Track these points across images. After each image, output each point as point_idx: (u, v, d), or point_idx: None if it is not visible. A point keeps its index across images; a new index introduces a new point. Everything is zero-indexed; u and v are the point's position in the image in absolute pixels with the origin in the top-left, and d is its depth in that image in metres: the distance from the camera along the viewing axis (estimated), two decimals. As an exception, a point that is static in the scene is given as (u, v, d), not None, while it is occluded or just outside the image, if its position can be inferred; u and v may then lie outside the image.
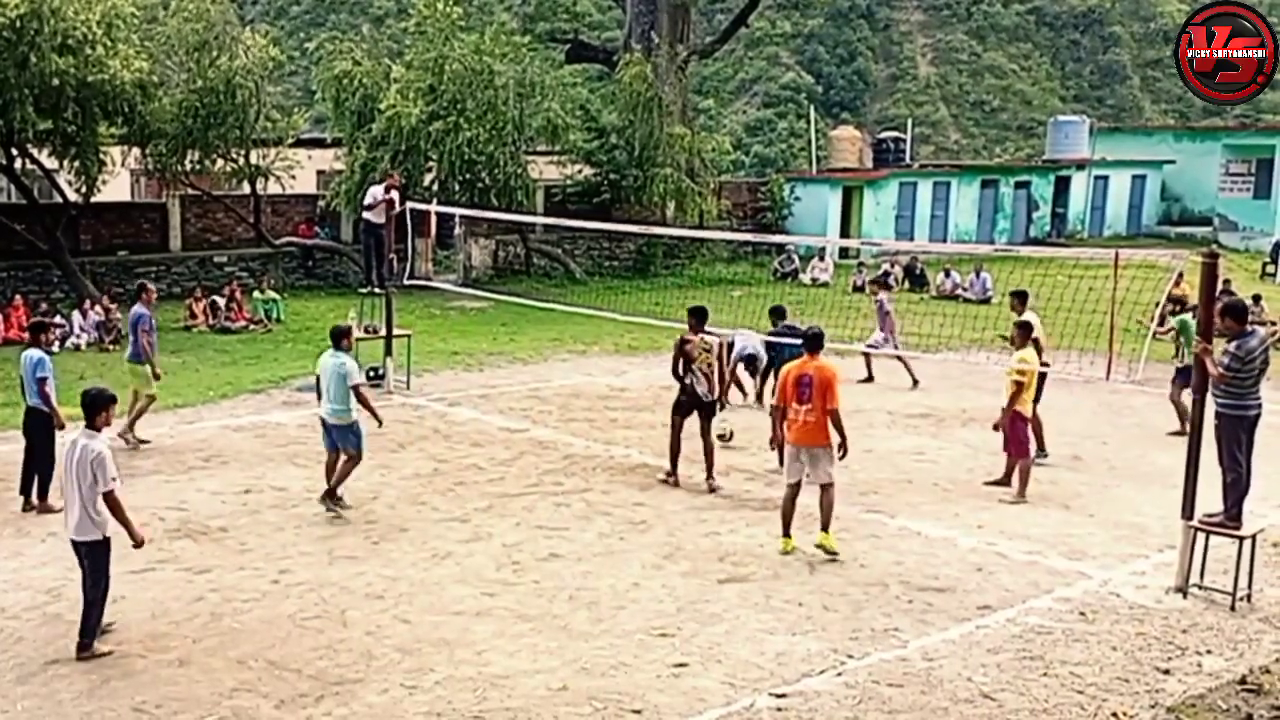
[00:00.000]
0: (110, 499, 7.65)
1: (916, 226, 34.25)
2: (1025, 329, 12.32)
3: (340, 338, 11.14)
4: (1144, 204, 39.36)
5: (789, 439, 10.03)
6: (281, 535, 10.38)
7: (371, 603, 8.86)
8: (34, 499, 10.97)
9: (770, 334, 14.74)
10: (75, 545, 7.79)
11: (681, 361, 11.86)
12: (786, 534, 10.09)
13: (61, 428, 10.74)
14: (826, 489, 9.92)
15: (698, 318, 12.00)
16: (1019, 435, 11.86)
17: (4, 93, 19.69)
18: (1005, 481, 12.09)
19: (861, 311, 20.53)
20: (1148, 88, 73.48)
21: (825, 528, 9.94)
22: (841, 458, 10.01)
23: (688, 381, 11.80)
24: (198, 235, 26.21)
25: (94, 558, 7.77)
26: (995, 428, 12.04)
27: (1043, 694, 7.48)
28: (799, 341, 10.92)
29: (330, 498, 11.05)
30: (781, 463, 10.85)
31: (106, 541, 7.81)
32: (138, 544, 7.88)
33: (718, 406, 12.27)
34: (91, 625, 7.82)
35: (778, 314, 15.20)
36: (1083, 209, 38.22)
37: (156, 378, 13.49)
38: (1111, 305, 10.80)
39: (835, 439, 9.85)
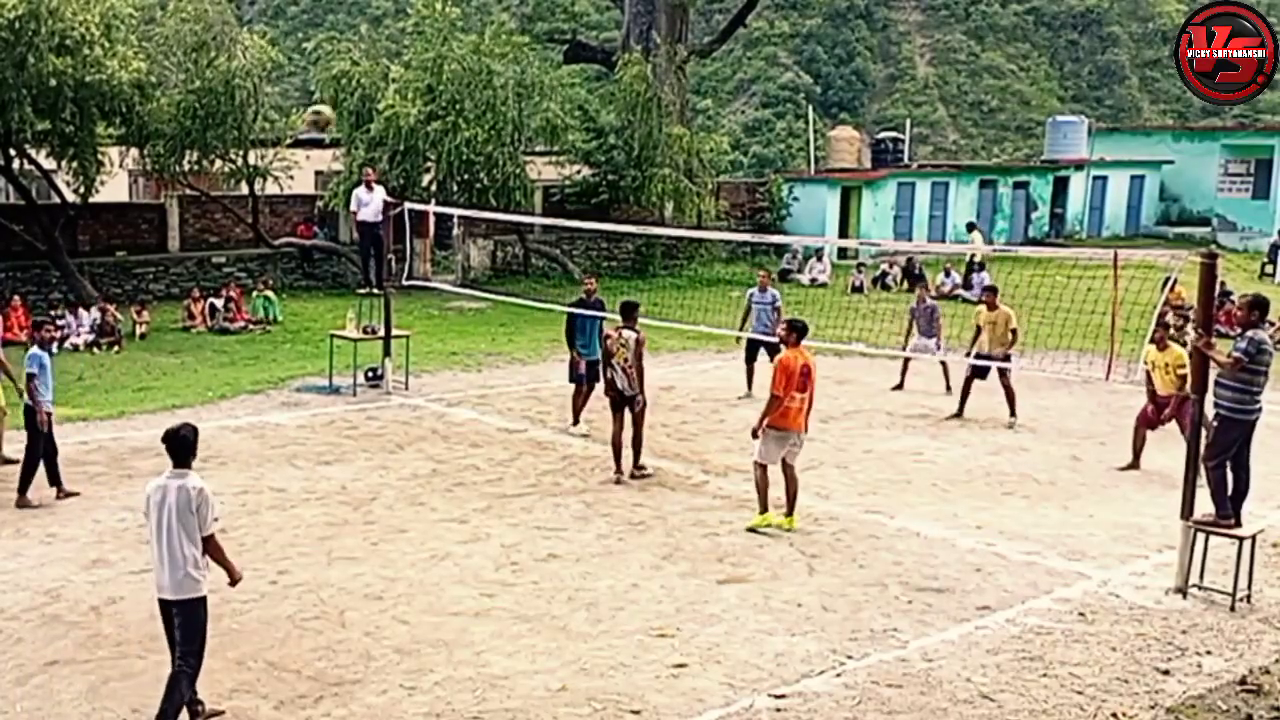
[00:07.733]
0: (213, 544, 6.88)
1: (915, 227, 34.26)
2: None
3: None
4: (1142, 204, 39.37)
5: (787, 424, 10.51)
6: (280, 536, 10.38)
7: (370, 603, 8.85)
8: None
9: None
10: (169, 605, 6.89)
11: (602, 356, 12.57)
12: (767, 509, 10.73)
13: (43, 424, 11.14)
14: (793, 468, 10.74)
15: (626, 313, 12.37)
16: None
17: (2, 93, 19.65)
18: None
19: (860, 312, 20.54)
20: (1146, 88, 73.47)
21: (793, 510, 10.77)
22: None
23: (608, 376, 12.30)
24: (196, 236, 26.18)
25: (195, 616, 6.87)
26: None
27: (1042, 695, 7.48)
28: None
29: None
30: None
31: (205, 599, 6.94)
32: (235, 581, 7.13)
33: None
34: (178, 698, 6.81)
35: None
36: (1081, 209, 38.22)
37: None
38: (1112, 306, 10.80)
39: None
